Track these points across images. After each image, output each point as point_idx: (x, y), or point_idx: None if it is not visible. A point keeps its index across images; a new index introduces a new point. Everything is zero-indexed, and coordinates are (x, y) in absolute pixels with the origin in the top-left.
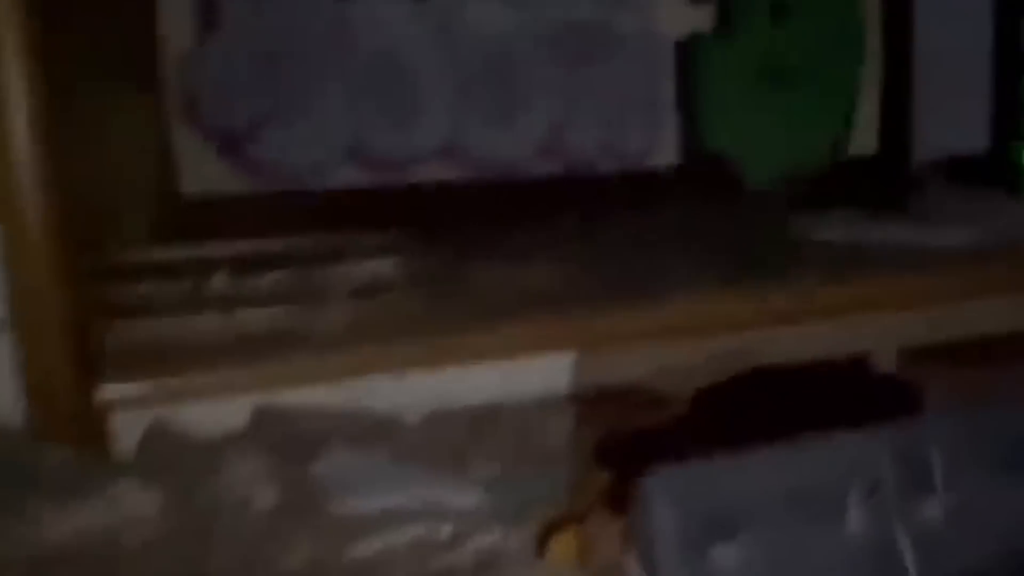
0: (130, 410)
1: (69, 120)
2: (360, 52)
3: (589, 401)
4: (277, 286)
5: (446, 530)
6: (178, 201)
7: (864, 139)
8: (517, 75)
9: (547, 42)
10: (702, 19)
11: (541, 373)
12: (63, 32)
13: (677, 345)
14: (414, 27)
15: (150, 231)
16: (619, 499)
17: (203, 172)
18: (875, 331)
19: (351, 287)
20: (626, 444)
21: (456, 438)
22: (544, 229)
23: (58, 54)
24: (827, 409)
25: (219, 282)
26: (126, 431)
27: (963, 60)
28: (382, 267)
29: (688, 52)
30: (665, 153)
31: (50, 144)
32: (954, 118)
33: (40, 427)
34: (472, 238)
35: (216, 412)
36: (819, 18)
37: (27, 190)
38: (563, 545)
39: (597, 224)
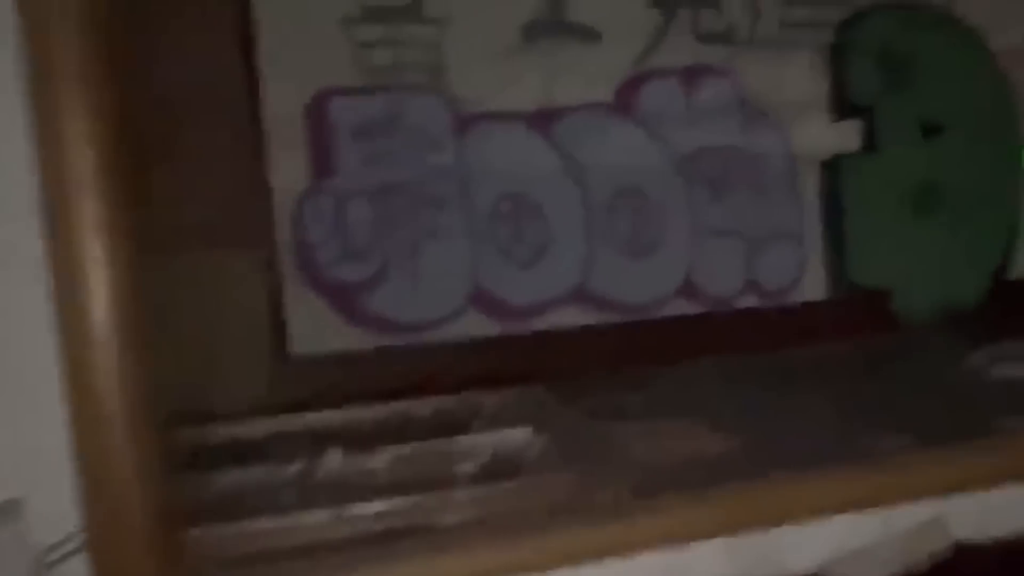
0: None
1: (165, 280)
2: (482, 192)
3: None
4: (396, 464)
5: None
6: (287, 363)
7: None
8: (650, 208)
9: (680, 170)
10: (847, 139)
11: (709, 558)
12: (164, 182)
13: (856, 519)
14: (539, 162)
15: (256, 398)
16: None
17: (315, 329)
18: None
19: (481, 463)
20: None
21: None
22: (686, 375)
23: (155, 204)
24: None
25: (331, 461)
26: None
27: None
28: (515, 436)
29: (833, 175)
30: (811, 286)
31: (136, 315)
32: None
33: None
34: (609, 388)
35: None
36: (974, 132)
37: (105, 375)
38: None
39: (743, 368)
